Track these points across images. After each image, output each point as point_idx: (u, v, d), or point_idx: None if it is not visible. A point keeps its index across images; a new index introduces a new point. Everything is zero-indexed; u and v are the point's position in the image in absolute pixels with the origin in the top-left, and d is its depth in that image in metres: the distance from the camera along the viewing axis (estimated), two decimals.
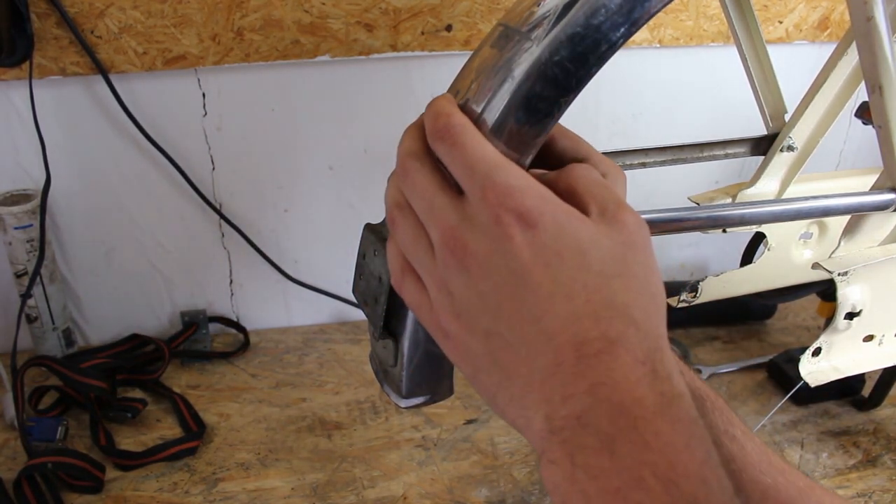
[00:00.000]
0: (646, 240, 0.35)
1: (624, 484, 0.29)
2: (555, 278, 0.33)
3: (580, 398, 0.31)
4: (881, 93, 0.58)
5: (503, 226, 0.33)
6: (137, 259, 1.05)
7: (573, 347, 0.32)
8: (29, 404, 0.93)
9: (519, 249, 0.33)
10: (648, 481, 0.28)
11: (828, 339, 0.69)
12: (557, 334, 0.32)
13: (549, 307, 0.33)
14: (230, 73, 0.94)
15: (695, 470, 0.29)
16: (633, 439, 0.30)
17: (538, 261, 0.33)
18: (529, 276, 0.33)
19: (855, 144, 1.21)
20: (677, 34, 1.03)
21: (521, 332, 0.34)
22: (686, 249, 1.25)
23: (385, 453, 0.90)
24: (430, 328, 0.39)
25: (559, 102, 0.40)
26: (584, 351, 0.32)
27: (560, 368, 0.32)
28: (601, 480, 0.29)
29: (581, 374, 0.31)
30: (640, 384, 0.31)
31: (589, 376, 0.31)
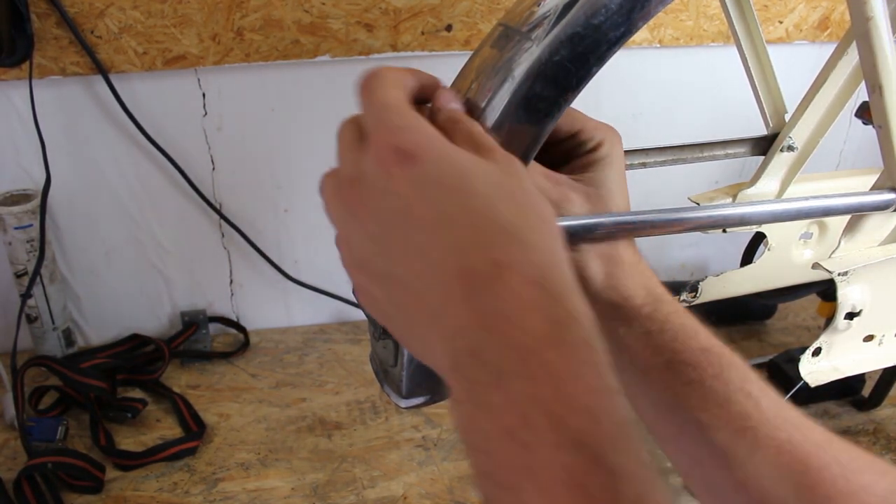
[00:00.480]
0: (523, 170, 0.34)
1: (514, 421, 0.28)
2: (438, 209, 0.32)
3: (473, 331, 0.30)
4: (881, 93, 0.58)
5: (385, 164, 0.33)
6: (137, 259, 1.05)
7: (461, 278, 0.31)
8: (29, 404, 0.93)
9: (399, 185, 0.32)
10: (535, 418, 0.27)
11: (828, 339, 0.69)
12: (444, 266, 0.31)
13: (433, 239, 0.32)
14: (230, 73, 0.94)
15: (583, 401, 0.28)
16: (520, 372, 0.28)
17: (419, 193, 0.32)
18: (411, 210, 0.32)
19: (855, 144, 1.21)
20: (677, 34, 1.03)
21: (411, 269, 0.33)
22: (686, 249, 1.25)
23: (385, 453, 0.90)
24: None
25: (559, 102, 0.40)
26: (472, 281, 0.31)
27: (451, 301, 0.31)
28: (496, 418, 0.28)
29: (471, 306, 0.30)
30: (530, 310, 0.29)
31: (479, 307, 0.30)
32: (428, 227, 0.32)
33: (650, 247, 1.23)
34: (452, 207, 0.32)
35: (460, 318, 0.30)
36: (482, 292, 0.30)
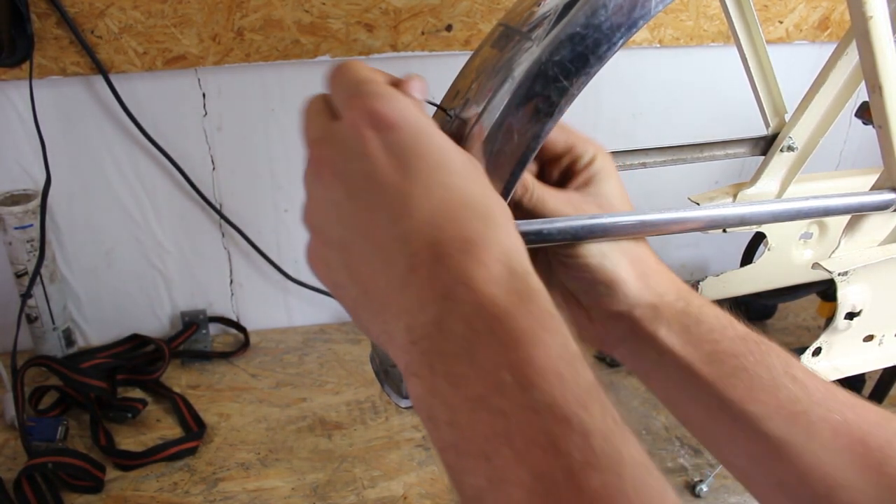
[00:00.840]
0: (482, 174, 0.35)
1: (485, 390, 0.28)
2: (412, 178, 0.31)
3: (438, 303, 0.30)
4: (881, 93, 0.58)
5: (360, 128, 0.32)
6: (137, 259, 1.05)
7: (430, 249, 0.31)
8: (29, 404, 0.93)
9: (374, 151, 0.32)
10: (507, 384, 0.27)
11: (828, 339, 0.69)
12: (413, 237, 0.31)
13: (404, 209, 0.31)
14: (230, 73, 0.94)
15: (551, 366, 0.28)
16: (489, 341, 0.28)
17: (394, 161, 0.32)
18: (384, 177, 0.32)
19: (855, 144, 1.21)
20: (677, 34, 1.03)
21: (376, 239, 0.32)
22: (686, 249, 1.25)
23: (385, 453, 0.90)
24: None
25: (559, 102, 0.40)
26: (441, 251, 0.30)
27: (416, 273, 0.31)
28: (463, 388, 0.28)
29: (438, 277, 0.30)
30: (496, 283, 0.30)
31: (446, 279, 0.30)
32: (400, 196, 0.31)
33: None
34: (427, 179, 0.32)
35: (425, 290, 0.30)
36: (451, 264, 0.30)
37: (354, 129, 0.32)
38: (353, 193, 0.33)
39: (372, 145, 0.32)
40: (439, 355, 0.29)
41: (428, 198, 0.31)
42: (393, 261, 0.32)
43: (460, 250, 0.30)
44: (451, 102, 0.43)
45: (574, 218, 0.45)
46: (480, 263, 0.30)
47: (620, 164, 0.66)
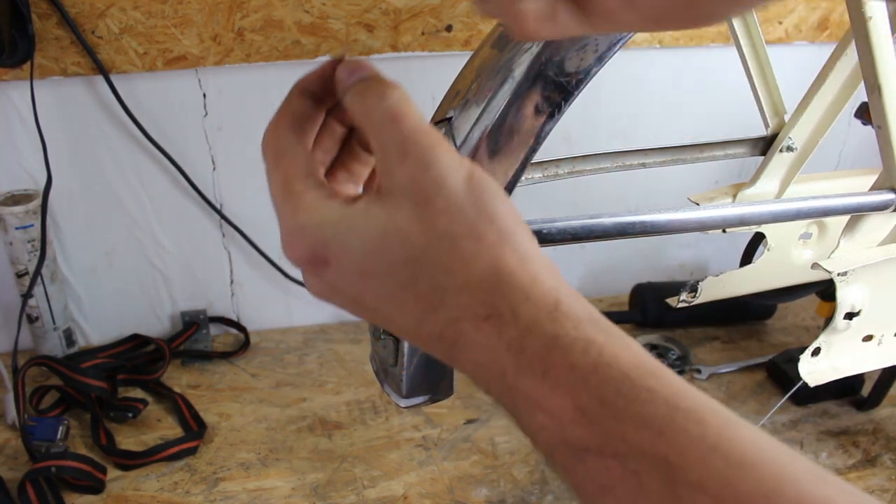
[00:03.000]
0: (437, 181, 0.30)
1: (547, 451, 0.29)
2: (378, 296, 0.32)
3: (478, 383, 0.31)
4: (880, 93, 0.58)
5: (308, 273, 0.34)
6: (138, 259, 1.05)
7: (436, 343, 0.32)
8: (30, 404, 0.93)
9: (336, 286, 0.33)
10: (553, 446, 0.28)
11: (827, 339, 0.69)
12: (422, 339, 0.32)
13: (394, 324, 0.33)
14: (231, 74, 0.95)
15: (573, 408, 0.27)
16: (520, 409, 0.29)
17: (356, 288, 0.32)
18: (360, 303, 0.33)
19: (855, 144, 1.21)
20: (677, 34, 1.03)
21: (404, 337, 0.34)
22: (686, 249, 1.26)
23: (385, 453, 0.90)
24: None
25: (559, 102, 0.40)
26: (444, 345, 0.31)
27: (450, 360, 0.32)
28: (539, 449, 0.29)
29: (459, 362, 0.31)
30: (493, 348, 0.29)
31: (465, 364, 0.31)
32: (382, 316, 0.33)
33: (650, 247, 1.23)
34: (387, 290, 0.31)
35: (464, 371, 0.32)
36: (456, 351, 0.31)
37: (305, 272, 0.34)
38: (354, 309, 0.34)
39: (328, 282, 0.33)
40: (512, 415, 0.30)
41: (402, 308, 0.32)
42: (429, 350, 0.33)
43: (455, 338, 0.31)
44: (451, 102, 0.44)
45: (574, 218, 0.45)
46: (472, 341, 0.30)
47: (620, 164, 0.66)
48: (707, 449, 0.25)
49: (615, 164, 0.65)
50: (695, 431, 0.25)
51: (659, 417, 0.26)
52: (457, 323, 0.30)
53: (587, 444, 0.27)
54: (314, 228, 0.32)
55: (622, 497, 0.25)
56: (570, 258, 1.20)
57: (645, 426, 0.26)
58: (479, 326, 0.30)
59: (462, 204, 0.31)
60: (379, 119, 0.32)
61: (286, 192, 0.34)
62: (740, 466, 0.24)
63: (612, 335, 0.29)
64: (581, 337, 0.28)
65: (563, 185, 0.67)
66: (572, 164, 0.63)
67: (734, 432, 0.25)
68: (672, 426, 0.25)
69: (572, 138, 1.08)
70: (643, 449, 0.25)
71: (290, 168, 0.34)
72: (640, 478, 0.25)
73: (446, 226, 0.30)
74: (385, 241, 0.31)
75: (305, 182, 0.34)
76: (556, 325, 0.29)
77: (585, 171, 0.64)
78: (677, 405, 0.26)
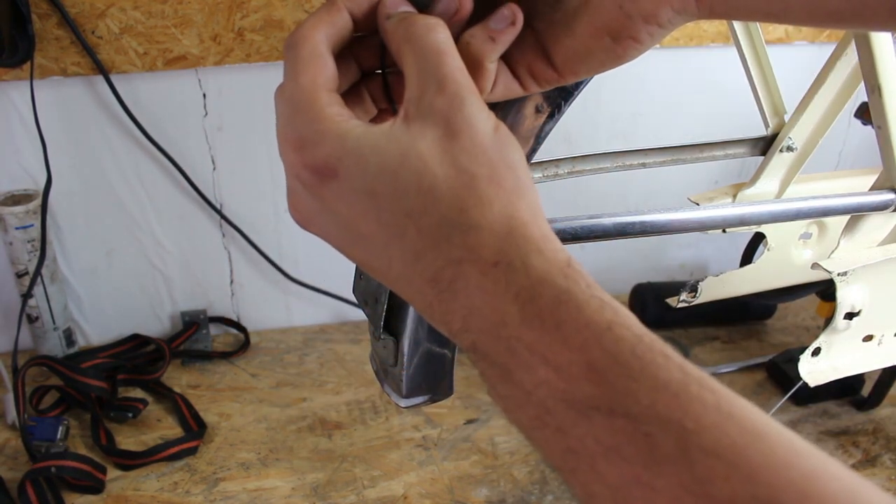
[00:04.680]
0: (468, 120, 0.30)
1: (537, 412, 0.27)
2: (379, 221, 0.30)
3: (464, 334, 0.29)
4: (880, 93, 0.58)
5: (309, 186, 0.31)
6: (138, 259, 1.05)
7: (430, 285, 0.30)
8: (30, 404, 0.93)
9: (334, 206, 0.31)
10: (550, 404, 0.27)
11: (827, 339, 0.69)
12: (411, 277, 0.30)
13: (387, 255, 0.31)
14: (231, 74, 0.95)
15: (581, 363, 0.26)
16: (515, 364, 0.28)
17: (357, 210, 0.30)
18: (356, 228, 0.31)
19: (854, 144, 1.21)
20: (677, 34, 1.03)
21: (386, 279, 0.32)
22: (686, 249, 1.26)
23: (385, 453, 0.90)
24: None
25: (559, 102, 0.40)
26: (440, 286, 0.30)
27: (433, 308, 0.30)
28: (521, 411, 0.28)
29: (451, 310, 0.29)
30: (497, 296, 0.28)
31: (457, 310, 0.29)
32: (379, 244, 0.31)
33: (650, 247, 1.23)
34: (390, 215, 0.30)
35: (450, 323, 0.30)
36: (452, 295, 0.29)
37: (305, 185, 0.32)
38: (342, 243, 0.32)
39: (328, 198, 0.31)
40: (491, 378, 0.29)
41: (401, 237, 0.30)
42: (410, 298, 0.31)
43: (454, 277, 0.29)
44: None
45: (574, 218, 0.45)
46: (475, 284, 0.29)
47: (620, 164, 0.66)
48: (722, 417, 0.24)
49: (615, 164, 0.65)
50: (709, 399, 0.25)
51: (674, 382, 0.25)
52: (459, 264, 0.29)
53: (596, 403, 0.26)
54: (334, 138, 0.30)
55: (630, 457, 0.25)
56: None
57: (661, 389, 0.25)
58: (485, 271, 0.29)
59: (487, 147, 0.30)
60: (423, 48, 0.31)
61: (311, 98, 0.31)
62: (754, 436, 0.24)
63: (618, 305, 0.28)
64: (595, 296, 0.28)
65: (563, 185, 0.67)
66: (572, 164, 0.63)
67: (743, 405, 0.25)
68: (687, 392, 0.25)
69: (572, 138, 1.08)
70: (657, 412, 0.25)
71: (320, 76, 0.32)
72: (652, 440, 0.24)
73: (468, 164, 0.30)
74: (404, 164, 0.30)
75: (331, 95, 0.32)
76: (569, 281, 0.28)
77: (585, 171, 0.64)
78: (690, 373, 0.26)
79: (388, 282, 0.32)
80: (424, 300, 0.31)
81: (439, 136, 0.30)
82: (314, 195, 0.31)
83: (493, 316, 0.28)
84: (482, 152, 0.30)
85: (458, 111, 0.30)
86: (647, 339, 0.27)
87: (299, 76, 0.31)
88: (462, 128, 0.30)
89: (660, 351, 0.26)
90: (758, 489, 0.23)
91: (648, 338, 0.27)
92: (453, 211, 0.29)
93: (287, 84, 0.32)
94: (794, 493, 0.23)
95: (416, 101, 0.31)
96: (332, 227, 0.32)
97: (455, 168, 0.30)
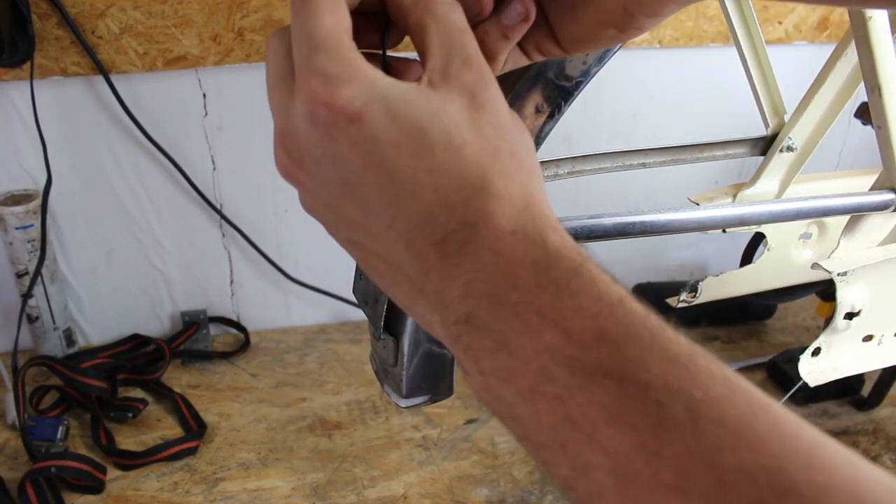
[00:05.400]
0: (492, 98, 0.30)
1: (534, 379, 0.26)
2: (394, 175, 0.29)
3: (461, 301, 0.28)
4: (880, 93, 0.58)
5: (321, 126, 0.28)
6: (138, 259, 1.05)
7: (435, 248, 0.29)
8: (30, 404, 0.93)
9: (345, 152, 0.29)
10: (553, 369, 0.26)
11: (827, 339, 0.69)
12: (415, 238, 0.29)
13: (396, 211, 0.29)
14: (231, 74, 0.95)
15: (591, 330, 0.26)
16: (521, 329, 0.27)
17: (370, 160, 0.28)
18: (365, 180, 0.29)
19: (854, 144, 1.21)
20: (677, 34, 1.03)
21: (379, 242, 0.30)
22: (686, 249, 1.26)
23: (385, 453, 0.90)
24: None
25: (559, 103, 0.40)
26: (447, 249, 0.29)
27: (430, 274, 0.29)
28: (512, 382, 0.27)
29: (452, 275, 0.28)
30: (511, 262, 0.28)
31: (460, 275, 0.28)
32: (387, 196, 0.29)
33: (650, 247, 1.23)
34: (410, 170, 0.29)
35: (445, 291, 0.29)
36: (460, 258, 0.28)
37: (316, 127, 0.29)
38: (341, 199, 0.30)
39: (340, 144, 0.29)
40: (480, 352, 0.28)
41: (416, 194, 0.29)
42: (404, 264, 0.30)
43: (466, 240, 0.28)
44: None
45: (574, 218, 0.45)
46: (488, 247, 0.28)
47: (620, 164, 0.66)
48: (730, 388, 0.25)
49: (615, 164, 0.65)
50: (717, 372, 0.25)
51: (683, 355, 0.26)
52: (474, 227, 0.28)
53: (606, 369, 0.26)
54: (365, 81, 0.28)
55: (636, 424, 0.25)
56: None
57: (671, 360, 0.25)
58: (501, 236, 0.28)
59: (508, 126, 0.31)
60: (448, 24, 0.30)
61: (337, 39, 0.29)
62: (761, 408, 0.24)
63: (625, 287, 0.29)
64: (607, 272, 0.28)
65: (563, 185, 0.67)
66: (572, 164, 0.63)
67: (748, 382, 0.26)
68: (696, 364, 0.25)
69: (572, 138, 1.08)
70: (668, 381, 0.25)
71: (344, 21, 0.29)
72: (662, 408, 0.24)
73: (493, 136, 0.30)
74: (434, 120, 0.29)
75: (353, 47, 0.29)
76: (582, 257, 0.29)
77: (585, 171, 0.64)
78: (696, 349, 0.26)
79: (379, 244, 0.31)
80: (422, 265, 0.29)
81: (466, 104, 0.29)
82: (324, 137, 0.29)
83: (505, 280, 0.28)
84: (505, 130, 0.30)
85: (484, 88, 0.30)
86: (655, 316, 0.27)
87: (323, 17, 0.29)
88: (486, 103, 0.30)
89: (668, 327, 0.27)
90: (764, 459, 0.23)
91: (656, 315, 0.27)
92: (476, 175, 0.29)
93: (304, 22, 0.29)
94: (800, 463, 0.23)
95: (440, 70, 0.30)
96: (330, 175, 0.30)
97: (481, 136, 0.29)
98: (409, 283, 0.30)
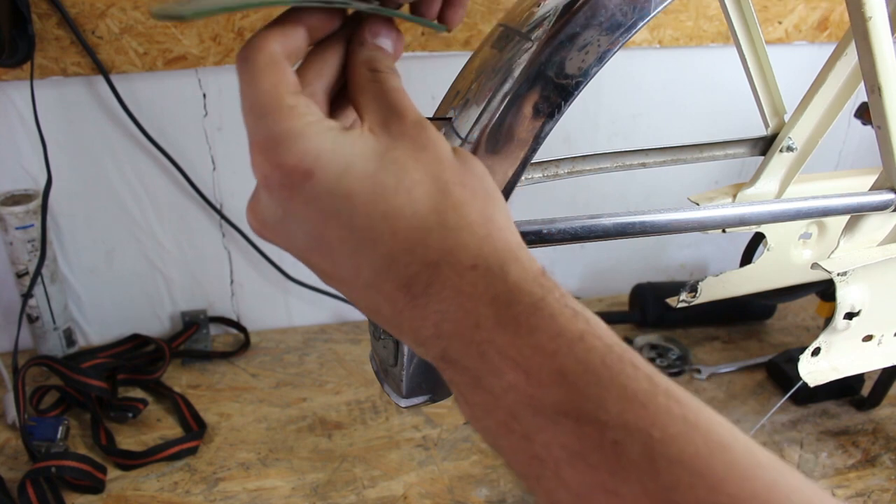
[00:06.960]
0: (432, 139, 0.31)
1: (504, 416, 0.27)
2: (352, 224, 0.29)
3: (434, 341, 0.29)
4: (880, 93, 0.58)
5: (277, 188, 0.30)
6: (138, 259, 1.05)
7: (402, 291, 0.29)
8: (30, 404, 0.93)
9: (302, 210, 0.30)
10: (518, 409, 0.27)
11: (827, 339, 0.69)
12: (382, 284, 0.30)
13: (359, 260, 0.30)
14: (231, 74, 0.95)
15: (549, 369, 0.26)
16: (486, 369, 0.27)
17: (327, 213, 0.29)
18: (326, 234, 0.30)
19: (854, 144, 1.21)
20: (677, 34, 1.03)
21: (353, 289, 0.31)
22: (686, 249, 1.26)
23: (385, 453, 0.90)
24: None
25: (559, 103, 0.40)
26: (414, 291, 0.29)
27: (402, 315, 0.30)
28: (493, 416, 0.28)
29: (422, 316, 0.29)
30: (472, 299, 0.28)
31: (429, 316, 0.29)
32: (349, 246, 0.30)
33: (650, 247, 1.23)
34: (366, 218, 0.29)
35: (419, 331, 0.30)
36: (426, 300, 0.29)
37: (270, 191, 0.30)
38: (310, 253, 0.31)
39: (296, 202, 0.30)
40: (461, 386, 0.29)
41: (375, 242, 0.29)
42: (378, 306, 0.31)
43: (430, 280, 0.29)
44: (451, 102, 0.44)
45: (574, 218, 0.45)
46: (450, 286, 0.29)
47: (620, 164, 0.66)
48: (688, 427, 0.25)
49: (615, 164, 0.65)
50: (676, 410, 0.25)
51: (642, 392, 0.26)
52: (436, 267, 0.29)
53: (565, 408, 0.26)
54: (310, 138, 0.29)
55: (595, 464, 0.25)
56: (570, 258, 1.20)
57: (629, 398, 0.25)
58: (463, 273, 0.29)
59: (452, 161, 0.31)
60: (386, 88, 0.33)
61: (277, 100, 0.30)
62: (719, 447, 0.25)
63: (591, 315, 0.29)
64: (569, 305, 0.28)
65: (563, 185, 0.67)
66: (572, 164, 0.63)
67: (709, 416, 0.26)
68: (654, 402, 0.25)
69: (572, 138, 1.08)
70: (625, 420, 0.25)
71: (281, 81, 0.31)
72: (619, 448, 0.25)
73: (439, 172, 0.30)
74: (383, 165, 0.30)
75: (296, 97, 0.31)
76: (544, 290, 0.28)
77: (585, 171, 0.64)
78: (658, 384, 0.26)
79: (353, 291, 0.32)
80: (394, 308, 0.30)
81: (409, 146, 0.30)
82: (281, 199, 0.30)
83: (468, 319, 0.28)
84: (450, 164, 0.31)
85: (422, 132, 0.31)
86: (618, 350, 0.27)
87: (261, 80, 0.31)
88: (427, 143, 0.31)
89: (629, 361, 0.27)
90: (720, 498, 0.23)
91: (619, 348, 0.27)
92: (430, 211, 0.29)
93: (245, 90, 0.32)
94: (757, 502, 0.23)
95: (380, 122, 0.32)
96: (296, 234, 0.31)
97: (429, 175, 0.30)
98: (388, 322, 0.31)
